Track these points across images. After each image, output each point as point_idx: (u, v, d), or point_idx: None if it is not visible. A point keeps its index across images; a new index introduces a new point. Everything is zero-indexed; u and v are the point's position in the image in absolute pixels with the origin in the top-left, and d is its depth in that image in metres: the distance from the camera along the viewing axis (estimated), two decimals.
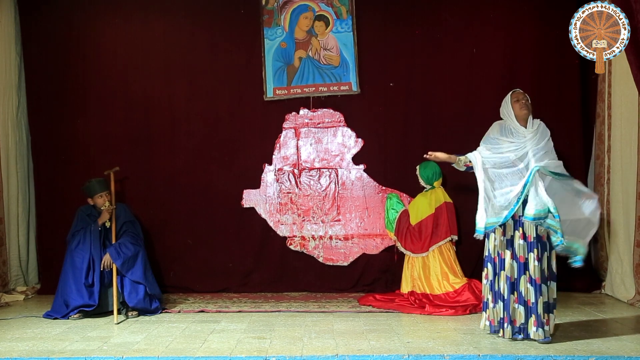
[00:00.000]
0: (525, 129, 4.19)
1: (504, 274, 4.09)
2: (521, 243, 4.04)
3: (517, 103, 4.21)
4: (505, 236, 4.11)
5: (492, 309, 4.16)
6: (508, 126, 4.25)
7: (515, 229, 4.09)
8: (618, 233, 5.48)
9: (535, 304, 3.97)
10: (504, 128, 4.27)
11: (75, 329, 4.62)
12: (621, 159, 5.46)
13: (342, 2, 6.03)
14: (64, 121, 6.15)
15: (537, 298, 3.97)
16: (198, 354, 3.87)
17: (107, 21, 6.20)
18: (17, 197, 6.05)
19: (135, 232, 5.34)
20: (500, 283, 4.11)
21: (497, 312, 4.15)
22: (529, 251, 4.02)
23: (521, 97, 4.22)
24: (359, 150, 6.09)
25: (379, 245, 6.03)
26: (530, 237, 4.02)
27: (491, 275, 4.18)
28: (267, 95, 6.09)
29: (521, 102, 4.20)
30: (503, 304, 4.10)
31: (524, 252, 4.04)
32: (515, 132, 4.20)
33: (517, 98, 4.23)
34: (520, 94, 4.25)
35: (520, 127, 4.20)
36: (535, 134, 4.16)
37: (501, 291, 4.10)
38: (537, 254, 3.99)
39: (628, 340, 4.05)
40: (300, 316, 5.00)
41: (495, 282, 4.15)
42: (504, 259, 4.10)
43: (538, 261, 3.98)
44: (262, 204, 6.12)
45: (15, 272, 6.00)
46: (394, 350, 3.87)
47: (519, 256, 4.05)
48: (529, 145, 4.12)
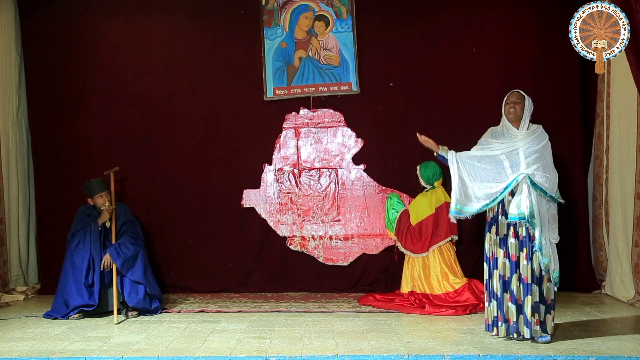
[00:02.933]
0: (517, 130, 4.19)
1: (497, 273, 4.11)
2: (512, 242, 4.06)
3: (507, 105, 4.23)
4: (498, 235, 4.13)
5: (487, 308, 4.21)
6: (500, 129, 4.28)
7: (508, 228, 4.10)
8: (617, 233, 5.49)
9: (523, 303, 4.00)
10: (495, 132, 4.30)
11: (75, 329, 4.62)
12: (619, 159, 5.46)
13: (342, 2, 6.03)
14: (64, 121, 6.15)
15: (525, 297, 3.99)
16: (198, 354, 3.87)
17: (107, 21, 6.20)
18: (18, 197, 6.05)
19: (135, 232, 5.34)
20: (494, 282, 4.14)
21: (491, 310, 4.18)
22: (519, 250, 4.04)
23: (512, 99, 4.20)
24: (359, 150, 6.09)
25: (379, 245, 6.03)
26: (521, 236, 4.04)
27: (486, 274, 4.21)
28: (267, 95, 6.09)
29: (510, 104, 4.20)
30: (497, 302, 4.12)
31: (515, 250, 4.06)
32: (507, 133, 4.22)
33: (507, 100, 4.23)
34: (512, 95, 4.23)
35: (511, 127, 4.21)
36: (528, 136, 4.15)
37: (494, 290, 4.13)
38: (527, 253, 4.01)
39: (628, 340, 4.05)
40: (300, 316, 5.00)
41: (490, 281, 4.18)
42: (497, 258, 4.13)
43: (527, 260, 4.00)
44: (262, 204, 6.12)
45: (15, 272, 6.00)
46: (394, 350, 3.87)
47: (510, 255, 4.07)
48: (520, 145, 4.12)
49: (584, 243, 5.95)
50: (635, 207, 5.24)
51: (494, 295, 4.15)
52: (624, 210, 5.38)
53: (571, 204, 5.62)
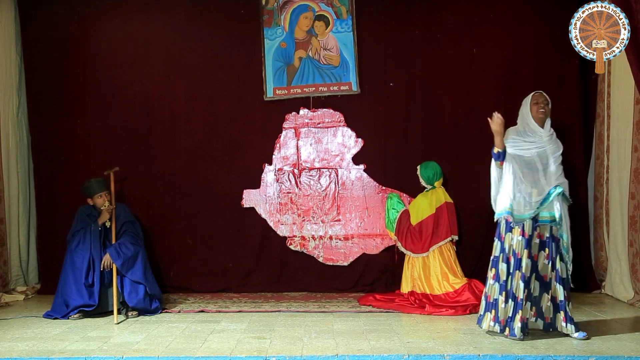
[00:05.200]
0: (542, 129, 4.23)
1: (519, 273, 4.09)
2: (537, 242, 4.15)
3: (536, 105, 4.25)
4: (524, 236, 4.13)
5: (502, 308, 4.15)
6: (522, 129, 4.29)
7: (533, 229, 4.14)
8: (616, 233, 5.49)
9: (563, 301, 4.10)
10: (519, 132, 4.30)
11: (75, 329, 4.62)
12: (618, 158, 5.47)
13: (342, 2, 6.03)
14: (64, 121, 6.14)
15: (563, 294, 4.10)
16: (198, 354, 3.87)
17: (107, 21, 6.20)
18: (18, 197, 6.05)
19: (135, 232, 5.34)
20: (514, 282, 4.11)
21: (506, 311, 4.14)
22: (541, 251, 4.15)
23: (541, 99, 4.26)
24: (359, 150, 6.09)
25: (379, 245, 6.03)
26: (544, 236, 4.14)
27: (504, 275, 4.16)
28: (267, 95, 6.09)
29: (540, 104, 4.24)
30: (514, 303, 4.10)
31: (537, 250, 4.14)
32: (532, 133, 4.24)
33: (537, 100, 4.26)
34: (540, 96, 4.29)
35: (537, 127, 4.24)
36: (551, 137, 4.25)
37: (513, 290, 4.10)
38: (550, 253, 4.11)
39: (628, 340, 4.05)
40: (300, 316, 5.00)
41: (510, 281, 4.14)
42: (520, 259, 4.10)
43: (550, 260, 4.11)
44: (262, 204, 6.12)
45: (15, 272, 6.00)
46: (394, 350, 3.87)
47: (533, 255, 4.13)
48: (547, 145, 4.21)
49: (585, 243, 5.95)
50: (629, 207, 5.25)
51: (511, 295, 4.12)
52: (622, 210, 5.38)
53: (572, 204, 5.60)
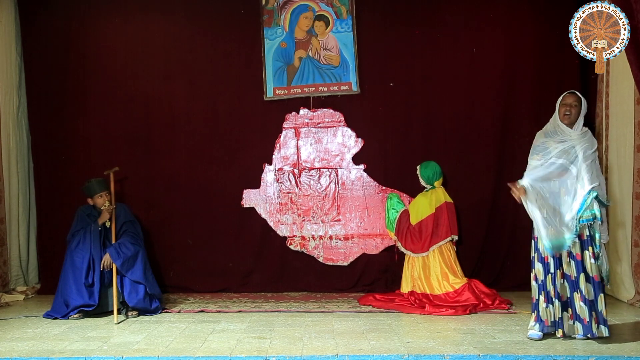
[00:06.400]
0: (571, 129, 4.10)
1: (560, 273, 4.03)
2: (576, 241, 3.99)
3: (563, 107, 4.12)
4: None
5: (545, 309, 4.08)
6: (552, 128, 4.17)
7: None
8: (616, 233, 5.48)
9: (596, 302, 3.95)
10: (547, 132, 4.19)
11: (75, 329, 4.62)
12: (617, 158, 5.46)
13: (342, 2, 6.03)
14: (64, 121, 6.15)
15: (597, 296, 3.94)
16: (198, 354, 3.87)
17: (107, 21, 6.20)
18: (18, 197, 6.06)
19: (135, 232, 5.34)
20: (555, 282, 4.04)
21: (550, 312, 4.07)
22: (584, 249, 4.00)
23: (569, 101, 4.10)
24: (359, 150, 6.09)
25: (379, 245, 6.03)
26: (583, 235, 4.00)
27: (542, 275, 4.10)
28: (267, 95, 6.09)
29: (566, 106, 4.10)
30: (561, 303, 4.04)
31: (580, 250, 4.00)
32: (560, 132, 4.11)
33: (565, 102, 4.12)
34: (570, 97, 4.12)
35: (565, 127, 4.11)
36: (583, 136, 4.08)
37: (558, 290, 4.04)
38: (592, 251, 3.97)
39: (628, 340, 4.05)
40: (300, 316, 5.00)
41: (547, 282, 4.07)
42: (558, 258, 4.04)
43: (594, 259, 3.96)
44: (262, 204, 6.12)
45: (15, 272, 6.01)
46: (394, 350, 3.87)
47: (575, 254, 4.00)
48: (577, 143, 4.04)
49: None
50: (633, 207, 5.24)
51: (549, 296, 4.05)
52: (622, 211, 5.38)
53: None
